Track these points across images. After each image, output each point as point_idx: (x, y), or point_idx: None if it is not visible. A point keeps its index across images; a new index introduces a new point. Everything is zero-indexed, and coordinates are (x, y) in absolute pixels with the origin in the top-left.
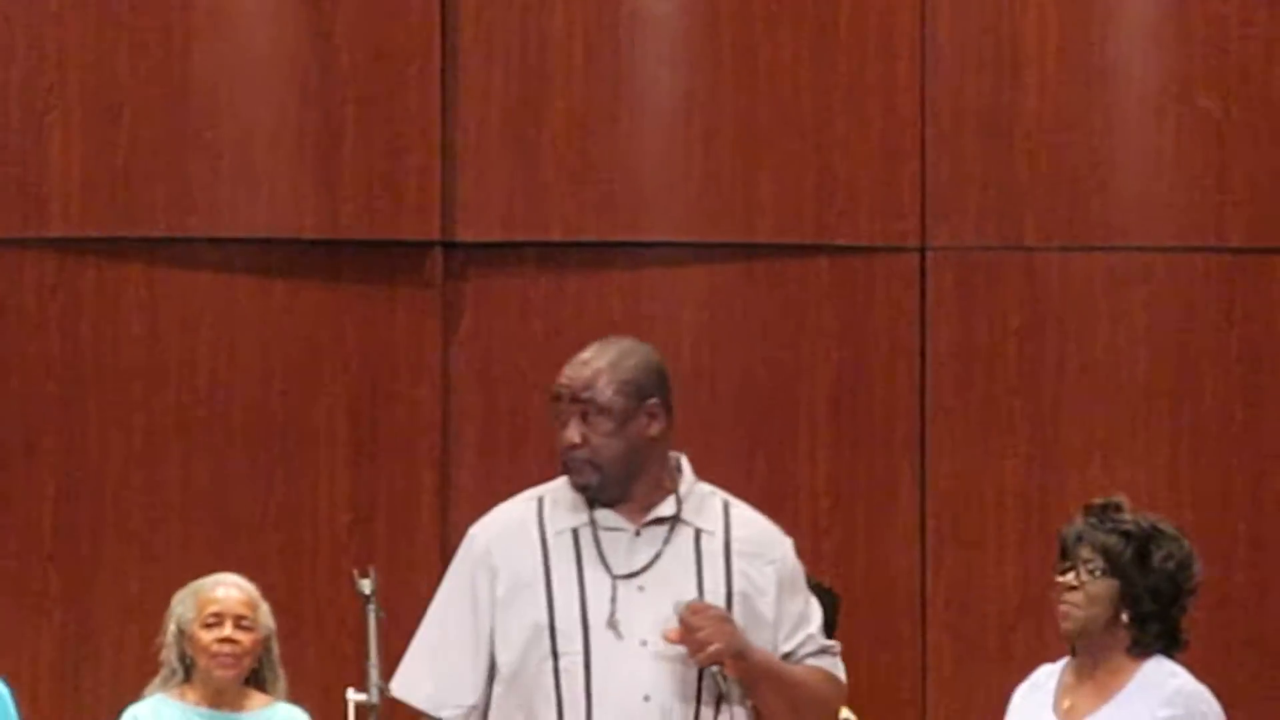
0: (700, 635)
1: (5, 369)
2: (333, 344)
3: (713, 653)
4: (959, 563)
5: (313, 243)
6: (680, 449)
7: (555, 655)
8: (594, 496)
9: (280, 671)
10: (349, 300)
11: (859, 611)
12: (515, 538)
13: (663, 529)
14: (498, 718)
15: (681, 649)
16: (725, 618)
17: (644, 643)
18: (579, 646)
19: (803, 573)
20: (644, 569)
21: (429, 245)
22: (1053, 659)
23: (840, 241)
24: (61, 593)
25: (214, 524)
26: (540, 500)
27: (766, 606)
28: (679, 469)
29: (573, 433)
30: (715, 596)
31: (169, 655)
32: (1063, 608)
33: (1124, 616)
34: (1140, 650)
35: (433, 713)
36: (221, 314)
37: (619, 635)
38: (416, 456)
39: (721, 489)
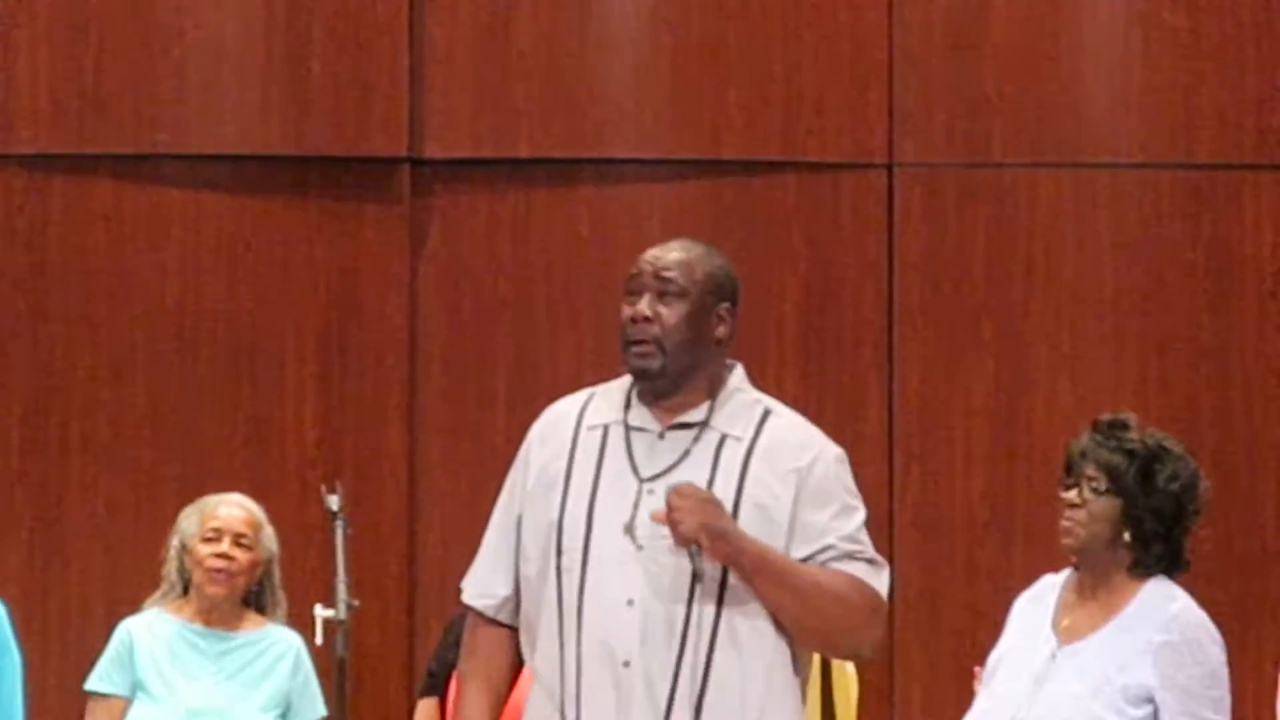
0: (675, 515)
1: None
2: (300, 260)
3: (685, 531)
4: (926, 479)
5: (280, 159)
6: None
7: (559, 553)
8: (649, 381)
9: (281, 596)
10: (317, 216)
11: None
12: (554, 431)
13: (689, 434)
14: (524, 609)
15: (681, 552)
16: (709, 500)
17: (641, 547)
18: (579, 545)
19: (841, 484)
20: (661, 473)
21: (397, 161)
22: (1020, 576)
23: (808, 158)
24: (29, 510)
25: (182, 440)
26: (592, 395)
27: (782, 514)
28: (728, 375)
29: (645, 306)
30: (723, 502)
31: (169, 569)
32: (1064, 524)
33: (1125, 536)
34: (1142, 570)
35: (469, 603)
36: (189, 230)
37: (635, 541)
38: (384, 373)
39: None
